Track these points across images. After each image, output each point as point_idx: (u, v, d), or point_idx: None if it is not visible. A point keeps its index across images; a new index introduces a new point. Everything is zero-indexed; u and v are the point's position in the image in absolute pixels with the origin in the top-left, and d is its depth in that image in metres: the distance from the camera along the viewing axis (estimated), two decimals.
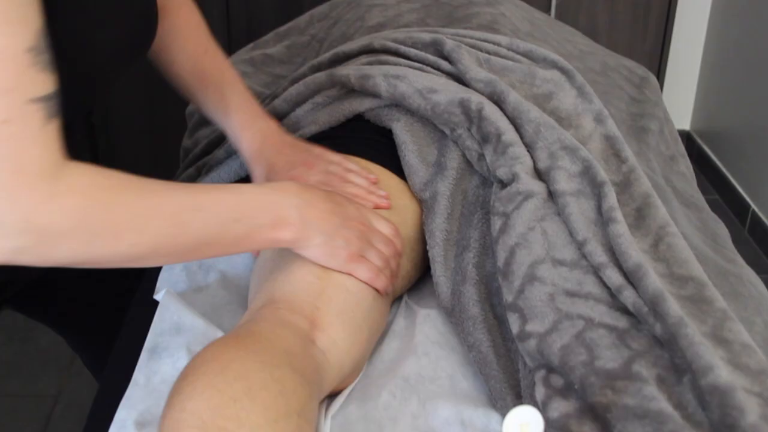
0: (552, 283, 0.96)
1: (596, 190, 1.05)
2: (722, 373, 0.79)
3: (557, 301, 0.94)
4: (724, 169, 2.99)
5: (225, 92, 1.17)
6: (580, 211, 1.03)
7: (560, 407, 0.84)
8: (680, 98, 3.23)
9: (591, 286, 0.96)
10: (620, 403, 0.81)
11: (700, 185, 1.52)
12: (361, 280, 0.98)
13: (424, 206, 1.13)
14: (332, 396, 0.97)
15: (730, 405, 0.76)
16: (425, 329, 1.05)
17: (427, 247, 1.10)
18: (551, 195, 1.06)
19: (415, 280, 1.15)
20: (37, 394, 1.32)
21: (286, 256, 1.01)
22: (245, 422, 0.77)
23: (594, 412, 0.82)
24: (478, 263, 1.07)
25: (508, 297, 0.97)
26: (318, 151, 1.15)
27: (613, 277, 0.94)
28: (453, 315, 1.05)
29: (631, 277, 0.93)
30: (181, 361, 0.99)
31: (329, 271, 0.99)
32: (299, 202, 0.94)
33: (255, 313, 0.96)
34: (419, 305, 1.11)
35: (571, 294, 0.95)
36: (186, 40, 1.19)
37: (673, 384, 0.83)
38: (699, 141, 3.20)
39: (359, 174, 1.13)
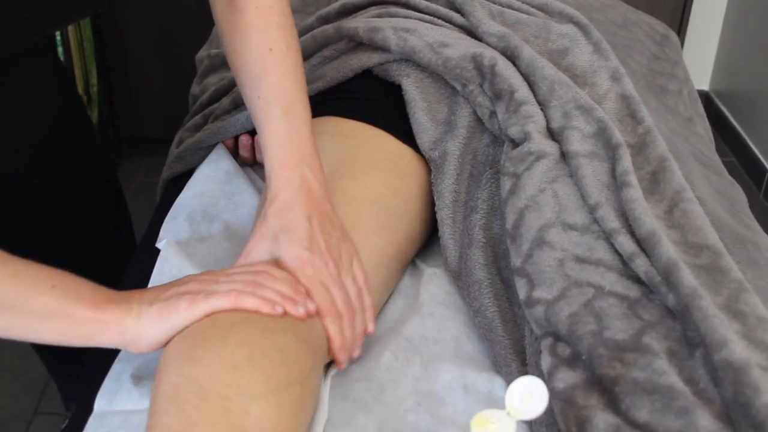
0: (562, 248, 0.93)
1: (610, 152, 1.01)
2: (736, 348, 0.75)
3: (566, 267, 0.91)
4: (741, 131, 2.94)
5: (271, 110, 0.96)
6: (594, 173, 0.99)
7: (566, 378, 0.81)
8: (700, 58, 3.17)
9: (602, 252, 0.93)
10: (629, 377, 0.78)
11: (716, 147, 1.48)
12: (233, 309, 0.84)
13: (433, 166, 1.09)
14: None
15: (744, 383, 0.73)
16: (431, 288, 1.03)
17: (436, 209, 1.07)
18: (564, 156, 1.03)
19: (424, 242, 1.12)
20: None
21: None
22: (245, 390, 0.75)
23: (601, 384, 0.80)
24: (485, 225, 1.04)
25: (515, 261, 0.94)
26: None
27: (626, 244, 0.91)
28: (460, 279, 1.02)
29: (644, 245, 0.90)
30: None
31: None
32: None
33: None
34: (426, 263, 1.08)
35: (581, 260, 0.92)
36: (250, 30, 0.99)
37: (684, 358, 0.80)
38: (717, 102, 3.14)
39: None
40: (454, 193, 1.07)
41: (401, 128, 1.11)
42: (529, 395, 0.67)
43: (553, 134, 1.05)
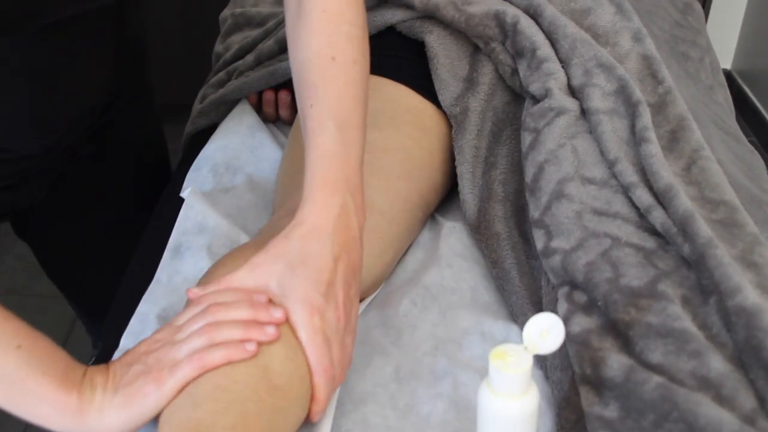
0: (580, 200, 0.94)
1: (630, 109, 1.02)
2: (750, 294, 0.77)
3: (584, 219, 0.93)
4: (763, 111, 2.93)
5: (324, 123, 0.85)
6: (613, 129, 1.00)
7: (582, 323, 0.83)
8: (723, 36, 3.15)
9: (620, 205, 0.94)
10: (643, 321, 0.79)
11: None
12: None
13: (454, 122, 1.11)
14: None
15: (757, 326, 0.74)
16: (450, 241, 1.04)
17: (456, 164, 1.08)
18: (584, 113, 1.04)
19: (446, 194, 1.13)
20: (63, 296, 1.37)
21: None
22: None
23: (616, 328, 0.81)
24: (504, 180, 1.05)
25: (534, 213, 0.96)
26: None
27: (643, 197, 0.92)
28: (478, 232, 1.04)
29: (661, 198, 0.91)
30: (203, 261, 0.99)
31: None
32: (87, 370, 0.76)
33: (278, 222, 0.96)
34: (445, 218, 1.10)
35: (598, 212, 0.93)
36: (313, 35, 0.88)
37: (698, 305, 0.81)
38: (739, 81, 3.13)
39: None
40: (474, 149, 1.09)
41: (423, 84, 1.13)
42: (546, 331, 0.69)
43: (573, 91, 1.06)
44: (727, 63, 3.22)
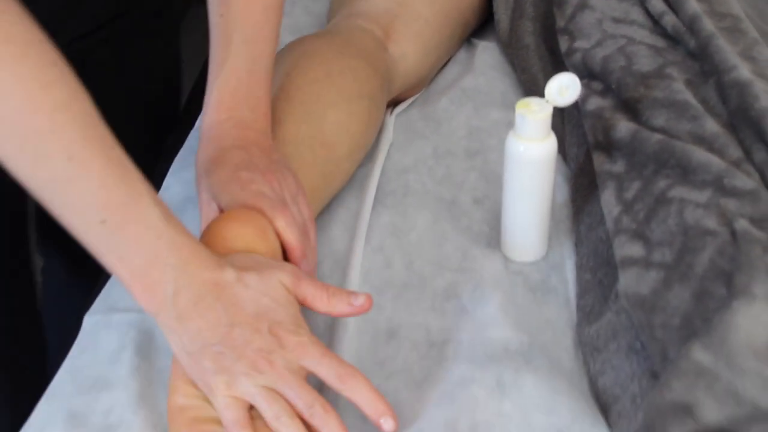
0: (601, 11, 1.06)
1: None
2: (744, 71, 0.89)
3: (604, 24, 1.04)
4: None
5: (232, 38, 0.84)
6: None
7: (597, 102, 0.95)
8: None
9: (636, 15, 1.05)
10: (650, 96, 0.92)
11: None
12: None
13: None
14: (397, 103, 1.10)
15: (747, 93, 0.86)
16: (484, 57, 1.17)
17: None
18: None
19: (483, 20, 1.25)
20: None
21: None
22: (321, 99, 0.92)
23: (627, 105, 0.93)
24: (535, 2, 1.17)
25: (560, 23, 1.08)
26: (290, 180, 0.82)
27: (657, 5, 1.03)
28: (510, 46, 1.16)
29: (673, 5, 1.02)
30: None
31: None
32: (189, 282, 0.66)
33: (333, 22, 1.09)
34: (480, 40, 1.22)
35: (617, 20, 1.05)
36: None
37: (699, 85, 0.93)
38: None
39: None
40: None
41: None
42: (565, 88, 0.81)
43: None
44: None
